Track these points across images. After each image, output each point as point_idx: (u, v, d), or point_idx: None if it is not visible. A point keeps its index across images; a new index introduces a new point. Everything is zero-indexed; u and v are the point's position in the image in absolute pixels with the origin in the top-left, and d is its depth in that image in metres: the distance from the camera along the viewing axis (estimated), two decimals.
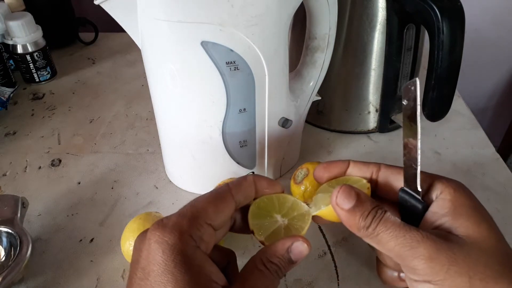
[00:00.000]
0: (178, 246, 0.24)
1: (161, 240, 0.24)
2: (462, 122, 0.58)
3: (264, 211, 0.31)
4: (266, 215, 0.31)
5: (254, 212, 0.31)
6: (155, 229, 0.25)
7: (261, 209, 0.32)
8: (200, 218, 0.26)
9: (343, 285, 0.37)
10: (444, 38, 0.42)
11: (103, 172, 0.51)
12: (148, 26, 0.37)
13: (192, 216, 0.26)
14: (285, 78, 0.42)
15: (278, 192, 0.32)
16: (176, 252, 0.24)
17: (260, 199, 0.32)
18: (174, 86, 0.39)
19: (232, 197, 0.28)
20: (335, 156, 0.52)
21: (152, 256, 0.24)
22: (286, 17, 0.38)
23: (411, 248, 0.25)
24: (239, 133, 0.41)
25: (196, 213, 0.26)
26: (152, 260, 0.24)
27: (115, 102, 0.65)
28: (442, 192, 0.29)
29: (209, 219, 0.26)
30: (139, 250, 0.25)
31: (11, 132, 0.58)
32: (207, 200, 0.27)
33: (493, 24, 1.00)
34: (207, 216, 0.26)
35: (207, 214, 0.26)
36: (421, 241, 0.25)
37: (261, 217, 0.31)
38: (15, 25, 0.64)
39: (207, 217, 0.26)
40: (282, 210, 0.32)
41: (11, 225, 0.38)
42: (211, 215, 0.27)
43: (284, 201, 0.32)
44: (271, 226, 0.31)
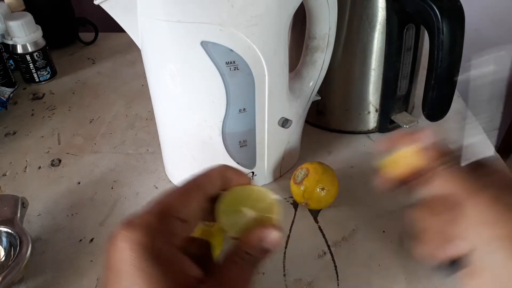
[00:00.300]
0: (146, 243, 0.24)
1: (128, 238, 0.24)
2: (462, 122, 0.58)
3: (232, 207, 0.31)
4: (235, 211, 0.31)
5: (223, 209, 0.31)
6: (122, 228, 0.24)
7: (229, 205, 0.31)
8: (168, 213, 0.26)
9: (343, 285, 0.37)
10: (444, 38, 0.42)
11: (103, 172, 0.51)
12: (148, 26, 0.37)
13: (159, 211, 0.25)
14: (285, 78, 0.42)
15: (246, 183, 0.31)
16: (144, 248, 0.23)
17: (227, 194, 0.31)
18: (174, 86, 0.39)
19: (199, 189, 0.28)
20: (335, 156, 0.52)
21: (120, 255, 0.23)
22: (286, 17, 0.38)
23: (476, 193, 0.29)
24: (239, 133, 0.41)
25: (163, 208, 0.26)
26: (121, 259, 0.23)
27: (115, 102, 0.65)
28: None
29: (176, 212, 0.26)
30: (108, 251, 0.24)
31: (11, 132, 0.58)
32: (173, 194, 0.27)
33: (493, 24, 1.00)
34: (175, 210, 0.26)
35: (174, 208, 0.26)
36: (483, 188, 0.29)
37: (230, 213, 0.31)
38: (15, 25, 0.64)
39: (175, 210, 0.26)
40: (249, 203, 0.31)
41: (11, 225, 0.38)
42: (179, 208, 0.26)
43: (250, 193, 0.32)
44: (241, 221, 0.30)
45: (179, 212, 0.26)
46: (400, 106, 0.54)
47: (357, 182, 0.48)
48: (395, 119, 0.54)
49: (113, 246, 0.24)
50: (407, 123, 0.53)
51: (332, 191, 0.42)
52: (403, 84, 0.52)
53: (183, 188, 0.28)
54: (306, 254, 0.39)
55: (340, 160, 0.51)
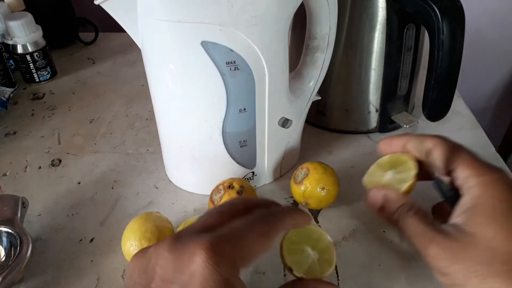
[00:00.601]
0: (229, 281, 0.24)
1: (215, 271, 0.23)
2: (462, 122, 0.58)
3: (296, 246, 0.33)
4: (299, 249, 0.33)
5: (288, 248, 0.33)
6: (209, 252, 0.24)
7: (293, 243, 0.33)
8: (247, 255, 0.26)
9: (343, 285, 0.37)
10: (444, 38, 0.42)
11: (103, 172, 0.51)
12: (148, 26, 0.37)
13: (242, 252, 0.25)
14: (285, 78, 0.42)
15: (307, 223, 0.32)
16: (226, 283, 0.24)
17: (290, 233, 0.33)
18: (174, 86, 0.39)
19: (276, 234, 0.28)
20: (335, 156, 0.52)
21: (204, 281, 0.23)
22: (286, 17, 0.38)
23: (424, 248, 0.30)
24: (239, 133, 0.41)
25: (246, 249, 0.26)
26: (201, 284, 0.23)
27: (115, 102, 0.65)
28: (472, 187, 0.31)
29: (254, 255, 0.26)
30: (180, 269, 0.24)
31: (11, 132, 0.58)
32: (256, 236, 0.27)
33: (493, 24, 1.00)
34: (254, 253, 0.26)
35: (254, 252, 0.26)
36: (432, 241, 0.30)
37: (295, 252, 0.33)
38: (15, 25, 0.64)
39: (253, 253, 0.26)
40: (310, 242, 0.34)
41: (11, 225, 0.38)
42: (258, 251, 0.26)
43: (311, 233, 0.34)
44: (305, 261, 0.33)
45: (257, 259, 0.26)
46: (400, 106, 0.54)
47: (357, 182, 0.47)
48: (395, 119, 0.54)
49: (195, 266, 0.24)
50: (407, 123, 0.53)
51: (333, 191, 0.42)
52: (403, 84, 0.52)
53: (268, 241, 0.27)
54: None
55: (340, 160, 0.51)
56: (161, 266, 0.25)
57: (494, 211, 0.29)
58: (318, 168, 0.42)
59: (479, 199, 0.30)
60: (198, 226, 0.27)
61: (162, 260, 0.25)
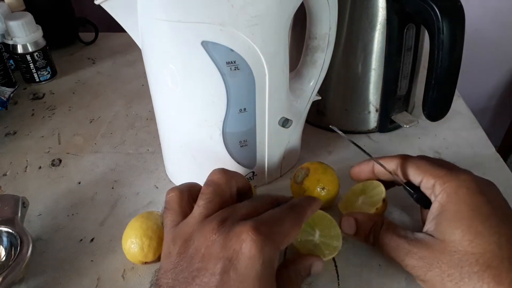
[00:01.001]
0: (273, 261, 0.27)
1: (262, 251, 0.26)
2: (462, 122, 0.58)
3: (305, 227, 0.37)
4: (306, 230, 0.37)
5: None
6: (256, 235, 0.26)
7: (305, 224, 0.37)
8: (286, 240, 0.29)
9: (343, 285, 0.37)
10: (444, 38, 0.42)
11: (103, 172, 0.51)
12: (148, 26, 0.37)
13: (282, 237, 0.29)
14: (285, 78, 0.42)
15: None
16: (272, 266, 0.27)
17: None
18: (174, 86, 0.39)
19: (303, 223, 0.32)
20: (335, 156, 0.52)
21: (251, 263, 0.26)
22: (286, 17, 0.38)
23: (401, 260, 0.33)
24: (239, 133, 0.41)
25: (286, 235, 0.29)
26: (251, 267, 0.26)
27: (115, 102, 0.65)
28: (438, 194, 0.33)
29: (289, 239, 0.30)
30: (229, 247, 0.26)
31: (11, 132, 0.58)
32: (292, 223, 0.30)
33: (493, 24, 1.00)
34: (289, 238, 0.30)
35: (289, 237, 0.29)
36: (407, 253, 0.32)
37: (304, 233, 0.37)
38: (15, 25, 0.64)
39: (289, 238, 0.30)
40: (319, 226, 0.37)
41: (12, 225, 0.38)
42: (292, 236, 0.30)
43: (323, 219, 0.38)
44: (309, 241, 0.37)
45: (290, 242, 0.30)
46: (400, 106, 0.55)
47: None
48: (395, 119, 0.54)
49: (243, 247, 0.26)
50: (407, 123, 0.54)
51: (333, 191, 0.42)
52: (403, 84, 0.52)
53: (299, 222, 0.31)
54: None
55: (340, 160, 0.51)
56: (207, 247, 0.27)
57: (459, 215, 0.31)
58: (319, 168, 0.42)
59: (445, 205, 0.32)
60: (237, 211, 0.30)
61: (209, 242, 0.27)
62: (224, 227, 0.27)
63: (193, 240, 0.28)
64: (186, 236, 0.29)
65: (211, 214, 0.30)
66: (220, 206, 0.31)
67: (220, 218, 0.28)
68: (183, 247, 0.28)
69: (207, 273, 0.26)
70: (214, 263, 0.26)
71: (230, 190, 0.33)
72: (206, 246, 0.27)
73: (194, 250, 0.27)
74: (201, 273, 0.26)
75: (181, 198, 0.32)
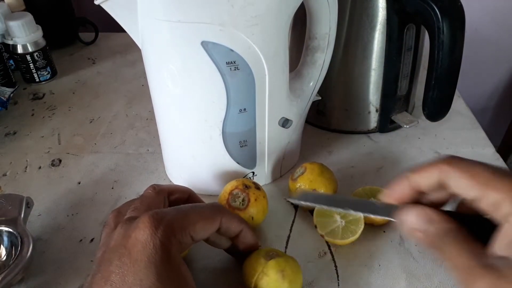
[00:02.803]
0: (167, 244, 0.27)
1: (154, 235, 0.27)
2: (462, 122, 0.58)
3: (326, 211, 0.40)
4: (328, 215, 0.40)
5: (319, 210, 0.40)
6: (150, 222, 0.27)
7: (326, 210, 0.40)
8: (188, 229, 0.29)
9: (343, 285, 0.37)
10: (444, 38, 0.42)
11: (103, 172, 0.51)
12: (148, 26, 0.37)
13: (183, 224, 0.29)
14: (285, 78, 0.42)
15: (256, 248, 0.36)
16: (164, 250, 0.27)
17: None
18: (174, 86, 0.39)
19: (220, 224, 0.32)
20: (335, 156, 0.52)
21: (142, 243, 0.27)
22: (286, 17, 0.38)
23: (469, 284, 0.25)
24: (239, 133, 0.41)
25: (187, 223, 0.29)
26: (141, 248, 0.26)
27: (115, 102, 0.65)
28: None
29: (194, 232, 0.30)
30: (127, 235, 0.27)
31: (11, 132, 0.58)
32: (200, 215, 0.31)
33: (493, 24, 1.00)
34: (194, 230, 0.30)
35: (194, 229, 0.30)
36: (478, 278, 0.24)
37: (324, 216, 0.40)
38: (15, 25, 0.64)
39: (193, 230, 0.30)
40: (341, 212, 0.39)
41: (14, 225, 0.38)
42: (197, 230, 0.30)
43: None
44: (331, 225, 0.39)
45: (196, 233, 0.30)
46: (400, 106, 0.54)
47: (357, 182, 0.48)
48: (395, 119, 0.54)
49: (136, 234, 0.27)
50: (407, 123, 0.54)
51: None
52: (403, 84, 0.52)
53: (210, 214, 0.32)
54: (306, 254, 0.39)
55: (340, 160, 0.51)
56: (115, 240, 0.28)
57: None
58: (315, 170, 0.42)
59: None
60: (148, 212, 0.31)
61: (116, 235, 0.29)
62: (130, 221, 0.29)
63: (111, 241, 0.29)
64: (108, 242, 0.30)
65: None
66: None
67: (130, 215, 0.30)
68: (104, 251, 0.29)
69: (108, 262, 0.27)
70: (114, 252, 0.27)
71: (160, 201, 0.34)
72: (114, 239, 0.28)
73: (107, 245, 0.29)
74: (106, 263, 0.27)
75: (118, 216, 0.33)
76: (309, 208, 0.43)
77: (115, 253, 0.27)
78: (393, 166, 0.50)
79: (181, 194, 0.36)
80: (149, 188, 0.34)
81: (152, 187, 0.34)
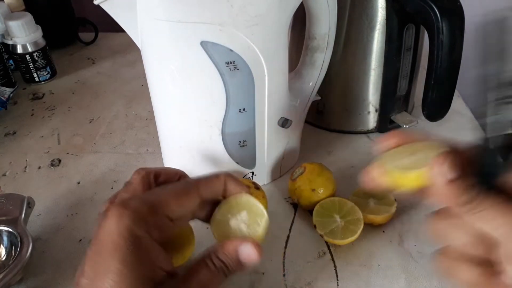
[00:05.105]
0: (132, 229, 0.26)
1: (119, 219, 0.26)
2: (462, 122, 0.58)
3: (326, 211, 0.40)
4: (328, 215, 0.40)
5: (318, 210, 0.40)
6: (117, 206, 0.27)
7: (324, 208, 0.40)
8: (160, 209, 0.27)
9: (342, 285, 0.37)
10: (444, 38, 0.42)
11: (103, 172, 0.51)
12: (148, 26, 0.37)
13: (153, 205, 0.27)
14: (284, 78, 0.42)
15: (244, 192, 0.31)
16: (129, 233, 0.26)
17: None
18: (174, 86, 0.39)
19: (198, 193, 0.29)
20: (335, 156, 0.52)
21: (108, 231, 0.26)
22: (286, 17, 0.38)
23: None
24: (238, 133, 0.41)
25: (158, 204, 0.28)
26: (108, 236, 0.26)
27: (115, 102, 0.65)
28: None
29: (168, 211, 0.28)
30: (99, 225, 0.27)
31: (11, 132, 0.58)
32: (172, 192, 0.29)
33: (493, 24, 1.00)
34: (168, 209, 0.28)
35: (168, 207, 0.28)
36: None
37: (323, 216, 0.40)
38: (15, 25, 0.64)
39: (168, 209, 0.28)
40: (341, 212, 0.40)
41: (14, 225, 0.38)
42: (172, 208, 0.28)
43: (344, 205, 0.40)
44: (330, 225, 0.39)
45: (171, 212, 0.28)
46: (400, 106, 0.54)
47: (356, 182, 0.48)
48: (395, 119, 0.54)
49: (105, 221, 0.26)
50: (407, 123, 0.53)
51: (323, 195, 0.42)
52: (403, 84, 0.52)
53: (183, 189, 0.29)
54: (306, 254, 0.39)
55: (340, 160, 0.51)
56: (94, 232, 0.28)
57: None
58: (315, 170, 0.42)
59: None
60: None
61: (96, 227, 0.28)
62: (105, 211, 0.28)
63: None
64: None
65: None
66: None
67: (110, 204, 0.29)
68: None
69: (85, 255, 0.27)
70: (90, 245, 0.27)
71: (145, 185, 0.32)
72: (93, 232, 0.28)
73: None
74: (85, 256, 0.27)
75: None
76: (308, 208, 0.43)
77: (90, 245, 0.27)
78: None
79: (169, 176, 0.34)
80: (134, 173, 0.32)
81: (137, 172, 0.32)
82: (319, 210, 0.40)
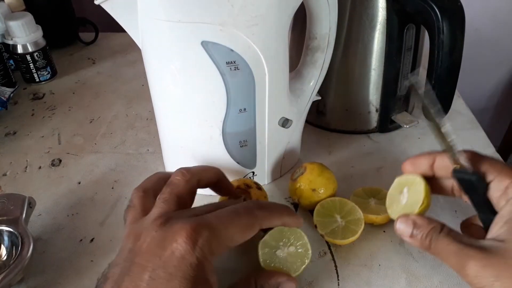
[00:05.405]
0: (203, 263, 0.27)
1: (191, 252, 0.26)
2: (462, 122, 0.58)
3: (327, 211, 0.40)
4: (328, 215, 0.40)
5: (319, 210, 0.40)
6: (188, 236, 0.26)
7: (325, 208, 0.41)
8: (226, 241, 0.28)
9: (343, 285, 0.37)
10: (444, 38, 0.42)
11: (103, 172, 0.51)
12: (148, 26, 0.37)
13: (221, 239, 0.28)
14: (285, 78, 0.42)
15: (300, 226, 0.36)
16: (201, 268, 0.26)
17: (325, 201, 0.40)
18: (174, 86, 0.39)
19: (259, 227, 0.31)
20: (335, 156, 0.52)
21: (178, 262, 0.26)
22: (286, 17, 0.38)
23: (462, 267, 0.28)
24: (239, 133, 0.41)
25: (225, 238, 0.28)
26: (177, 266, 0.26)
27: (115, 102, 0.65)
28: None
29: (232, 243, 0.29)
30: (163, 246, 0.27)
31: (11, 132, 0.58)
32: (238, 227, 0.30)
33: (493, 24, 1.00)
34: (231, 241, 0.29)
35: (232, 240, 0.29)
36: (470, 258, 0.28)
37: (324, 215, 0.40)
38: (15, 25, 0.64)
39: (231, 241, 0.29)
40: (341, 212, 0.40)
41: (15, 225, 0.38)
42: (236, 240, 0.29)
43: (345, 205, 0.40)
44: (331, 225, 0.39)
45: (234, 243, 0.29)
46: (400, 106, 0.55)
47: (357, 182, 0.48)
48: (396, 119, 0.54)
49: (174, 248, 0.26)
50: (408, 123, 0.54)
51: (323, 195, 0.42)
52: (403, 84, 0.52)
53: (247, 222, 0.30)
54: None
55: (340, 160, 0.51)
56: (148, 243, 0.27)
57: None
58: (315, 170, 0.42)
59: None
60: (187, 212, 0.30)
61: (149, 238, 0.27)
62: (166, 225, 0.28)
63: (141, 237, 0.28)
64: (138, 233, 0.29)
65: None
66: (177, 206, 0.31)
67: (166, 217, 0.29)
68: (134, 244, 0.28)
69: (141, 268, 0.26)
70: (148, 259, 0.27)
71: (190, 189, 0.33)
72: (148, 243, 0.28)
73: (139, 246, 0.28)
74: (138, 268, 0.26)
75: (144, 196, 0.32)
76: (309, 208, 0.43)
77: (148, 262, 0.26)
78: (393, 166, 0.50)
79: (210, 179, 0.35)
80: (177, 173, 0.32)
81: (181, 173, 0.32)
82: (320, 210, 0.40)
